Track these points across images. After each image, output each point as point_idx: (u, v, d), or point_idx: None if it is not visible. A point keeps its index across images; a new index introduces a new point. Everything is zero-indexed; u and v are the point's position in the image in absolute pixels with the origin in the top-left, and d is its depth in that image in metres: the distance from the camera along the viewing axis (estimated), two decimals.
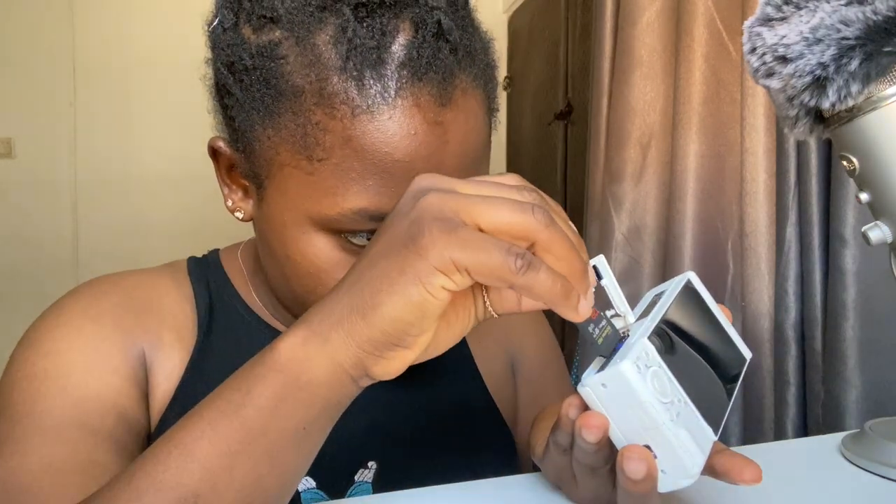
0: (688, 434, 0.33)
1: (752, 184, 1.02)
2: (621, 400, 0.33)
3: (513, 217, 0.31)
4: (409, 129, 0.41)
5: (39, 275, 2.38)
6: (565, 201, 2.19)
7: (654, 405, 0.32)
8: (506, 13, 2.81)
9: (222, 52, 0.45)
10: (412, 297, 0.31)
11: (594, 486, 0.39)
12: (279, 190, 0.45)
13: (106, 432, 0.46)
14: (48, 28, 2.39)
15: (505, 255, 0.30)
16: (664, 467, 0.33)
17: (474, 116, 0.45)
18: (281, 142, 0.43)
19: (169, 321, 0.54)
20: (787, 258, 0.98)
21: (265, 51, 0.42)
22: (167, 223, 2.48)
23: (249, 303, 0.57)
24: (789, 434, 0.97)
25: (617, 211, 1.23)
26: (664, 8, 1.18)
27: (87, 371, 0.48)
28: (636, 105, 1.20)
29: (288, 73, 0.42)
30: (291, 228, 0.45)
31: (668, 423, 0.32)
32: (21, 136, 2.40)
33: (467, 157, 0.44)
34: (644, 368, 0.33)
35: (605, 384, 0.33)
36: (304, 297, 0.47)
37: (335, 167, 0.41)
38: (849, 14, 0.40)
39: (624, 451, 0.33)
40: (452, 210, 0.32)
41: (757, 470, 0.35)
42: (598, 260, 0.37)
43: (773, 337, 1.01)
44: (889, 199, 0.44)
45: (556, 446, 0.39)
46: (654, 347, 0.34)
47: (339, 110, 0.41)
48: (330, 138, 0.41)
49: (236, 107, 0.45)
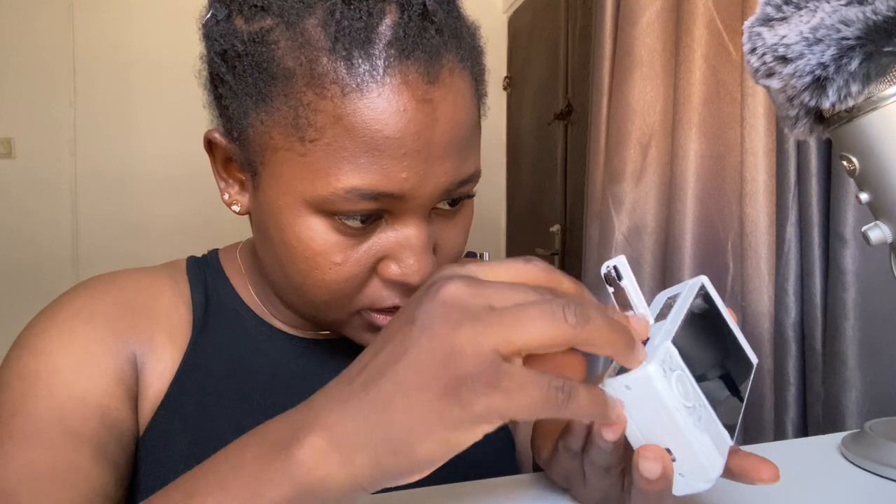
0: (709, 438, 0.33)
1: (752, 184, 1.02)
2: (645, 403, 0.33)
3: (548, 331, 0.30)
4: (399, 106, 0.42)
5: (39, 274, 2.39)
6: (565, 201, 2.19)
7: (680, 409, 0.32)
8: (506, 13, 2.81)
9: (216, 43, 0.46)
10: (449, 442, 0.30)
11: (605, 486, 0.39)
12: (273, 175, 0.45)
13: (88, 436, 0.47)
14: (48, 28, 2.39)
15: (545, 394, 0.30)
16: (683, 471, 0.33)
17: (462, 96, 0.45)
18: (274, 125, 0.44)
19: (161, 321, 0.54)
20: (787, 258, 0.98)
21: (257, 37, 0.44)
22: (167, 223, 2.48)
23: (247, 301, 0.57)
24: (789, 434, 0.97)
25: (617, 211, 1.23)
26: (664, 8, 1.18)
27: (75, 372, 0.49)
28: (636, 105, 1.20)
29: (279, 57, 0.43)
30: (287, 213, 0.45)
31: (691, 428, 0.32)
32: (21, 136, 2.40)
33: (457, 135, 0.45)
34: (669, 372, 0.32)
35: (629, 387, 0.33)
36: (300, 284, 0.47)
37: (327, 147, 0.42)
38: (849, 14, 0.40)
39: (640, 450, 0.33)
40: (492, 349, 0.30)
41: (774, 468, 0.35)
42: (619, 260, 0.36)
43: (773, 337, 1.01)
44: (889, 199, 0.44)
45: (567, 450, 0.39)
46: (677, 351, 0.33)
47: (330, 90, 0.42)
48: (321, 118, 0.42)
49: (230, 95, 0.46)
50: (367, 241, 0.46)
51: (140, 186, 2.48)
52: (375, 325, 0.49)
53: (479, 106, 0.50)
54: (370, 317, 0.49)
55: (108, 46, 2.40)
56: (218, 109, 0.49)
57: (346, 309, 0.49)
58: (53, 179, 2.43)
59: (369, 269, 0.47)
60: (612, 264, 0.36)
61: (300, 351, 0.56)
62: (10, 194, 2.39)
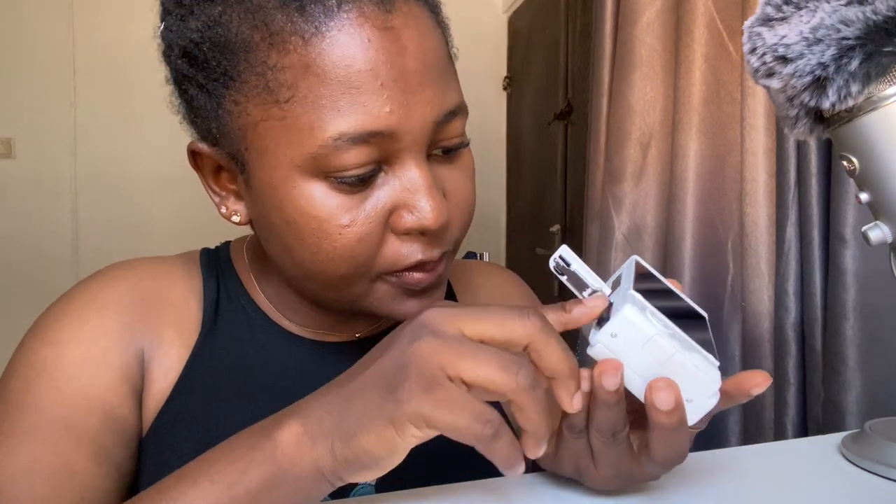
0: (699, 355, 0.36)
1: (752, 184, 1.02)
2: (632, 342, 0.36)
3: (494, 376, 0.33)
4: (362, 37, 0.42)
5: (39, 275, 2.39)
6: (565, 201, 2.19)
7: (664, 335, 0.35)
8: (506, 13, 2.81)
9: (176, 48, 0.47)
10: (385, 437, 0.33)
11: (615, 456, 0.39)
12: (260, 153, 0.45)
13: (89, 433, 0.47)
14: (48, 28, 2.39)
15: (472, 422, 0.32)
16: (688, 395, 0.36)
17: (423, 22, 0.46)
18: (248, 101, 0.44)
19: (171, 316, 0.54)
20: (787, 258, 0.98)
21: (211, 22, 0.44)
22: (167, 223, 2.48)
23: (255, 298, 0.57)
24: (789, 434, 0.97)
25: (617, 211, 1.23)
26: (664, 8, 1.18)
27: (81, 364, 0.49)
28: (636, 105, 1.20)
29: (235, 31, 0.43)
30: (282, 187, 0.45)
31: (679, 349, 0.35)
32: (21, 136, 2.40)
33: (429, 63, 0.45)
34: (642, 310, 0.36)
35: (614, 333, 0.36)
36: (313, 263, 0.47)
37: (303, 100, 0.42)
38: (849, 14, 0.40)
39: (650, 385, 0.36)
40: (438, 365, 0.33)
41: (764, 373, 0.38)
42: (562, 250, 0.40)
43: (773, 337, 1.01)
44: (889, 199, 0.44)
45: (571, 430, 0.40)
46: (642, 297, 0.36)
47: (291, 43, 0.42)
48: (290, 74, 0.42)
49: (200, 93, 0.47)
50: (371, 196, 0.45)
51: (140, 186, 2.48)
52: (406, 286, 0.48)
53: (445, 39, 0.49)
54: (399, 279, 0.48)
55: (108, 46, 2.40)
56: (193, 114, 0.49)
57: (367, 276, 0.47)
58: (53, 179, 2.44)
59: (381, 226, 0.46)
60: (558, 255, 0.40)
61: (307, 353, 0.56)
62: (10, 194, 2.39)
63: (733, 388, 0.38)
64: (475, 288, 0.67)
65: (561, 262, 0.40)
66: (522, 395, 0.33)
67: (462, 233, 0.51)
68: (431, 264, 0.48)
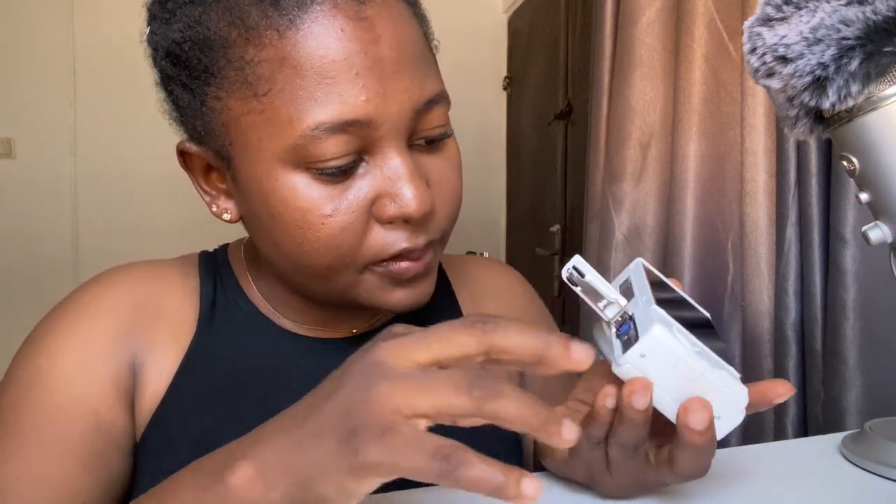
0: (726, 373, 0.36)
1: (752, 184, 1.02)
2: (662, 363, 0.35)
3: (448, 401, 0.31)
4: (335, 27, 0.43)
5: (39, 275, 2.38)
6: (565, 201, 2.19)
7: (692, 354, 0.35)
8: (506, 13, 2.81)
9: (160, 50, 0.48)
10: (344, 487, 0.32)
11: (633, 468, 0.39)
12: (244, 148, 0.46)
13: (81, 441, 0.48)
14: (48, 28, 2.39)
15: (429, 462, 0.31)
16: (717, 412, 0.36)
17: (398, 12, 0.46)
18: (229, 96, 0.45)
19: (166, 319, 0.54)
20: (787, 258, 0.98)
21: (192, 22, 0.45)
22: (167, 223, 2.48)
23: (252, 298, 0.57)
24: (789, 434, 0.97)
25: (617, 211, 1.23)
26: (664, 8, 1.18)
27: (74, 372, 0.50)
28: (636, 105, 1.20)
29: (214, 29, 0.44)
30: (266, 181, 0.45)
31: (708, 368, 0.35)
32: (21, 136, 2.40)
33: (405, 52, 0.45)
34: (668, 327, 0.35)
35: (643, 353, 0.35)
36: (298, 255, 0.47)
37: (281, 92, 0.43)
38: (849, 14, 0.40)
39: (685, 405, 0.35)
40: (393, 409, 0.31)
41: (787, 383, 0.38)
42: (576, 260, 0.39)
43: (773, 337, 1.00)
44: (889, 199, 0.44)
45: (590, 440, 0.39)
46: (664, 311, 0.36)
47: (266, 37, 0.43)
48: (267, 67, 0.43)
49: (184, 93, 0.47)
50: (353, 186, 0.46)
51: (140, 187, 2.48)
52: (393, 275, 0.48)
53: (424, 31, 0.50)
54: (386, 269, 0.48)
55: (108, 46, 2.40)
56: (179, 114, 0.50)
57: (354, 266, 0.48)
58: (53, 179, 2.43)
59: (365, 215, 0.46)
60: (571, 265, 0.39)
61: (303, 350, 0.56)
62: (10, 194, 2.39)
63: (757, 397, 0.38)
64: (473, 282, 0.67)
65: (575, 273, 0.39)
66: (488, 407, 0.31)
67: (449, 223, 0.51)
68: (417, 252, 0.48)
